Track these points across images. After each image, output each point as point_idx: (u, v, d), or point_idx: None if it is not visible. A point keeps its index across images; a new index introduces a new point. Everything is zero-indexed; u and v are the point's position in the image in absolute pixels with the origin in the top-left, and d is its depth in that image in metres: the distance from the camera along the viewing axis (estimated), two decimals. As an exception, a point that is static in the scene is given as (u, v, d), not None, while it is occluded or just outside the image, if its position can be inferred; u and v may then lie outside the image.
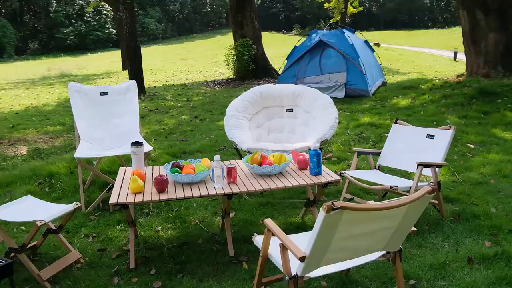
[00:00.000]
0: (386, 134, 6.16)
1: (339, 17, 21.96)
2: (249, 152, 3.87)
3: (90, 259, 2.93)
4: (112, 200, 2.63)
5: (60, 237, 2.91)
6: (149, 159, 5.16)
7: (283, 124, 4.47)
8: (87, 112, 4.15)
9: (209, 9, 46.56)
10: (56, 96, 11.54)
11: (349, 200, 3.60)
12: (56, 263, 2.76)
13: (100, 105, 4.22)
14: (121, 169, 3.22)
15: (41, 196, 4.08)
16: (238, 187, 2.83)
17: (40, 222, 2.55)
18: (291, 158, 3.17)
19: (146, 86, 12.65)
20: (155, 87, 12.70)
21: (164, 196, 2.69)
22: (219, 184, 2.83)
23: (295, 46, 10.06)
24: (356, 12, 24.31)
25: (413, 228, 2.19)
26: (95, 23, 31.89)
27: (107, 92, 4.26)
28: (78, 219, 3.55)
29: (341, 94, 9.11)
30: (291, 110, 4.48)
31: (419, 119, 6.93)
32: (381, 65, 10.66)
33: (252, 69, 12.33)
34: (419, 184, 3.38)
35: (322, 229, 1.79)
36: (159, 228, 3.41)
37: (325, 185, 2.99)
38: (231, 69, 12.90)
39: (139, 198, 2.67)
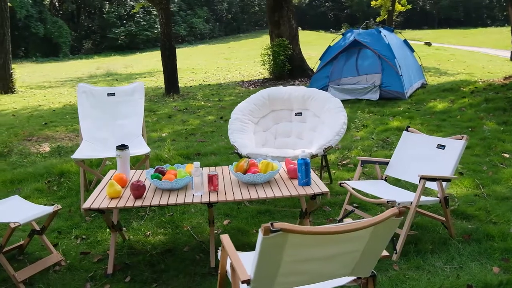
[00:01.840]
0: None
1: (386, 16, 21.16)
2: (249, 158, 3.73)
3: (71, 262, 2.91)
4: (86, 204, 2.59)
5: (43, 238, 2.92)
6: (162, 160, 5.14)
7: (291, 129, 4.28)
8: (92, 113, 4.18)
9: (257, 9, 46.62)
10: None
11: (350, 213, 3.36)
12: (34, 265, 2.76)
13: (107, 106, 4.24)
14: (110, 172, 3.19)
15: (47, 194, 4.17)
16: (218, 195, 2.70)
17: (14, 224, 2.55)
18: (280, 166, 2.99)
19: (183, 85, 12.83)
20: (191, 86, 12.82)
21: (139, 203, 2.61)
22: (198, 192, 2.71)
23: (329, 46, 9.76)
24: (404, 10, 23.35)
25: (385, 253, 1.95)
26: (144, 23, 32.89)
27: (114, 93, 4.28)
28: (73, 220, 3.57)
29: (375, 96, 8.71)
30: (300, 114, 4.29)
31: (454, 125, 6.46)
32: (421, 66, 10.11)
33: (288, 69, 12.13)
34: (427, 199, 3.09)
35: (264, 252, 1.62)
36: (148, 233, 3.34)
37: (314, 196, 2.79)
38: (267, 69, 12.78)
39: (113, 204, 2.61)
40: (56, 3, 33.04)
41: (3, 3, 11.59)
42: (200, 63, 21.75)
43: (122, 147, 2.97)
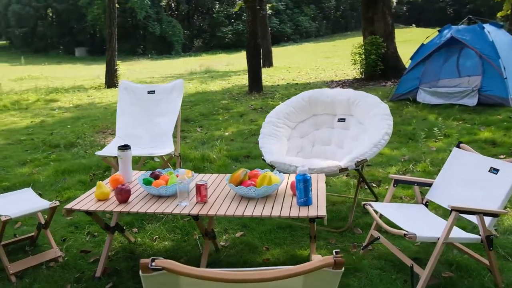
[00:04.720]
0: (502, 156, 4.88)
1: (510, 10, 18.48)
2: (273, 166, 3.40)
3: (68, 260, 2.90)
4: (70, 205, 2.53)
5: (47, 233, 2.96)
6: (208, 160, 5.04)
7: (331, 136, 3.83)
8: (131, 109, 4.20)
9: (368, 6, 44.75)
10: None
11: (375, 240, 2.85)
12: (30, 258, 2.81)
13: (145, 104, 4.23)
14: (115, 174, 3.13)
15: (88, 187, 4.29)
16: (203, 208, 2.45)
17: (5, 217, 2.60)
18: (282, 179, 2.62)
19: (270, 84, 12.73)
20: (278, 85, 12.64)
21: (119, 208, 2.48)
22: (183, 202, 2.49)
23: (422, 44, 8.77)
24: (535, 3, 20.11)
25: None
26: (251, 22, 33.68)
27: (154, 91, 4.25)
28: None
29: (472, 101, 7.60)
30: (343, 120, 3.81)
31: (561, 140, 5.29)
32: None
33: (380, 69, 11.28)
34: (464, 235, 2.46)
35: (152, 292, 1.33)
36: (156, 237, 3.22)
37: (312, 219, 2.39)
38: (358, 68, 12.06)
39: (95, 207, 2.51)
40: (172, 4, 35.50)
41: (111, 4, 12.64)
42: (299, 62, 21.48)
43: (124, 148, 2.87)
